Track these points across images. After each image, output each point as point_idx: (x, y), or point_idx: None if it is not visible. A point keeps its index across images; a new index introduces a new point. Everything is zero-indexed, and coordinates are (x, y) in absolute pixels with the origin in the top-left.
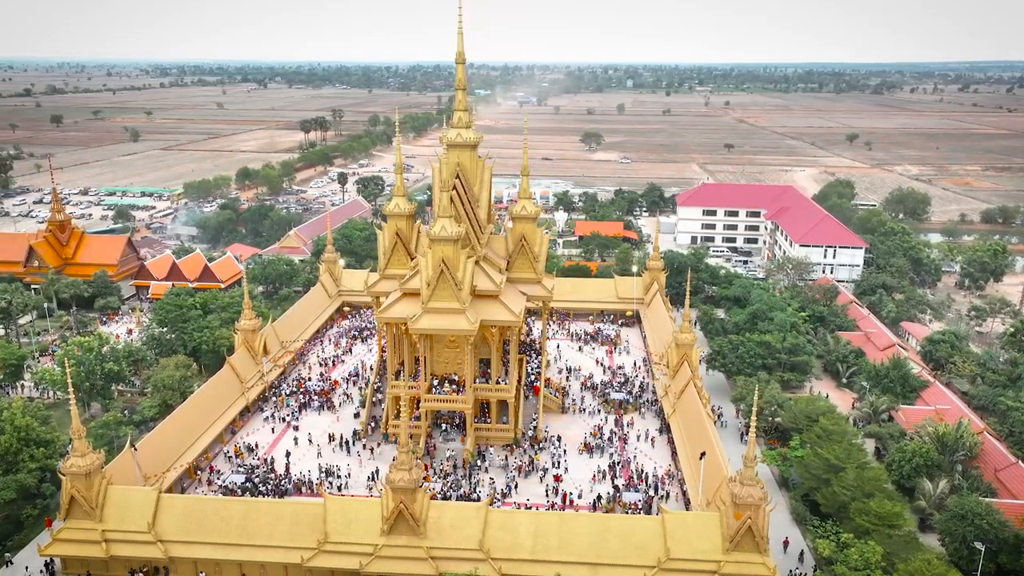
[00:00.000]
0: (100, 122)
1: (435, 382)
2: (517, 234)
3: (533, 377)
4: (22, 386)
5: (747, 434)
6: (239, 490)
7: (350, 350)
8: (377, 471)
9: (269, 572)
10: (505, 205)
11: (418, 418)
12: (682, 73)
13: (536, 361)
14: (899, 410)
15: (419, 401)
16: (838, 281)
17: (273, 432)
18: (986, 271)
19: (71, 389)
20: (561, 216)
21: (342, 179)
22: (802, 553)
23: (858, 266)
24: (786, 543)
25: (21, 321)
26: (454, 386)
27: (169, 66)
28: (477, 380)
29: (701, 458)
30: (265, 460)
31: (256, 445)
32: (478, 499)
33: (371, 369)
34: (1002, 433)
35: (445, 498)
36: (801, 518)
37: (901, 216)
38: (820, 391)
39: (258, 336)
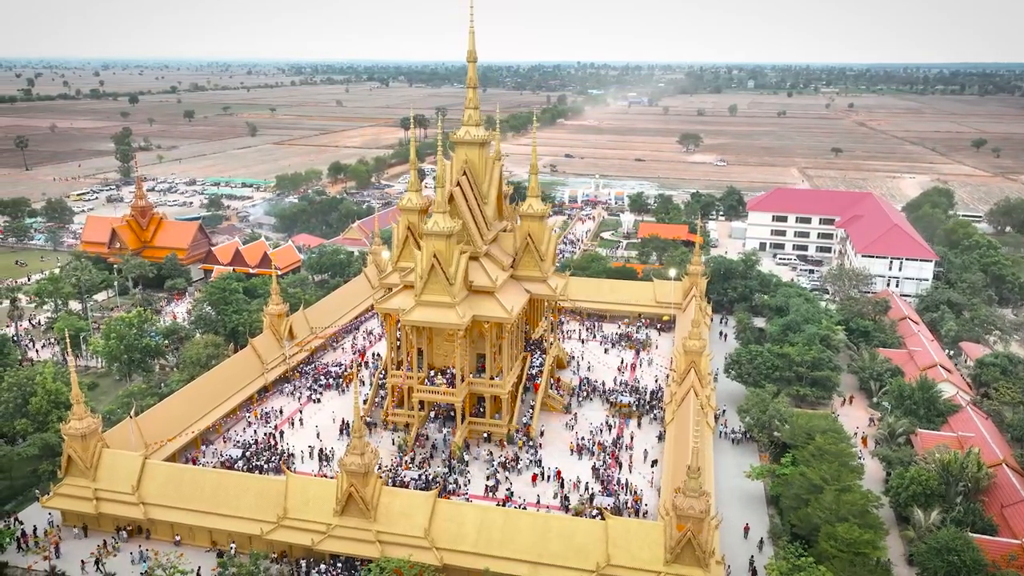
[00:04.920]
0: (227, 117)
1: (432, 374)
2: (524, 232)
3: (534, 374)
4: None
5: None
6: (240, 462)
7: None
8: None
9: (235, 541)
10: (580, 204)
11: (420, 408)
12: (811, 73)
13: (541, 359)
14: (918, 434)
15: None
16: (903, 295)
17: (299, 401)
18: None
19: (71, 358)
20: (627, 218)
21: (420, 175)
22: (761, 541)
23: (926, 280)
24: (747, 529)
25: (99, 297)
26: (447, 378)
27: (304, 65)
28: (475, 375)
29: (653, 466)
30: (271, 436)
31: (281, 411)
32: (452, 492)
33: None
34: None
35: (425, 487)
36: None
37: (1008, 229)
38: (848, 409)
39: (284, 320)
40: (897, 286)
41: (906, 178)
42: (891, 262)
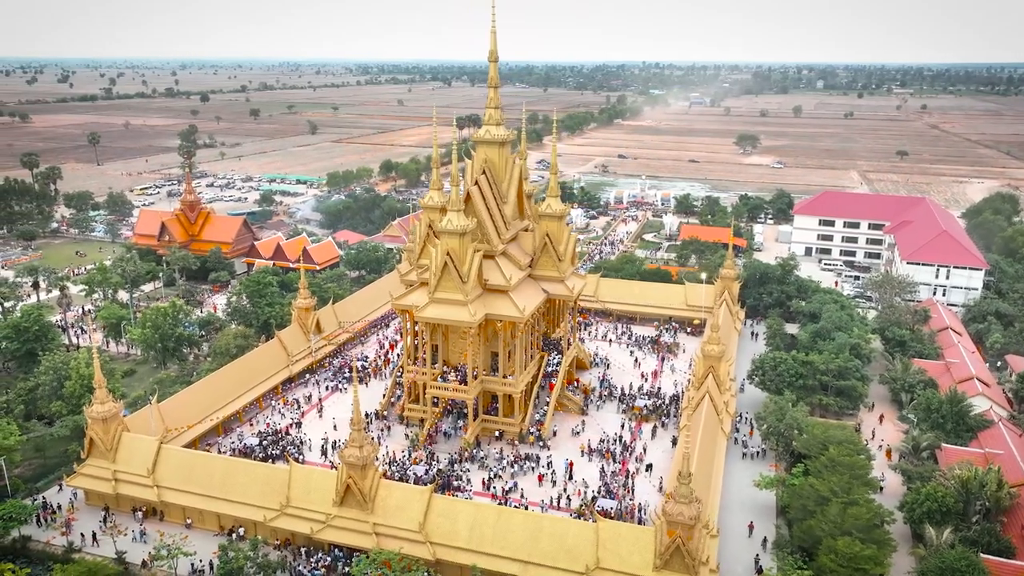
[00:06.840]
0: (291, 116)
1: (446, 370)
2: (542, 232)
3: (551, 373)
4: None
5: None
6: (257, 450)
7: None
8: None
9: (242, 526)
10: (625, 205)
11: (436, 404)
12: (885, 74)
13: (558, 358)
14: (943, 449)
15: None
16: (950, 305)
17: (327, 390)
18: None
19: (94, 343)
20: (670, 220)
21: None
22: (765, 539)
23: (976, 289)
24: (751, 527)
25: (146, 288)
26: (460, 375)
27: (372, 65)
28: (489, 373)
29: (648, 470)
30: (290, 425)
31: (309, 398)
32: (457, 488)
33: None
34: None
35: (433, 483)
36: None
37: None
38: (877, 421)
39: (311, 314)
40: (944, 295)
41: (973, 183)
42: (938, 270)
